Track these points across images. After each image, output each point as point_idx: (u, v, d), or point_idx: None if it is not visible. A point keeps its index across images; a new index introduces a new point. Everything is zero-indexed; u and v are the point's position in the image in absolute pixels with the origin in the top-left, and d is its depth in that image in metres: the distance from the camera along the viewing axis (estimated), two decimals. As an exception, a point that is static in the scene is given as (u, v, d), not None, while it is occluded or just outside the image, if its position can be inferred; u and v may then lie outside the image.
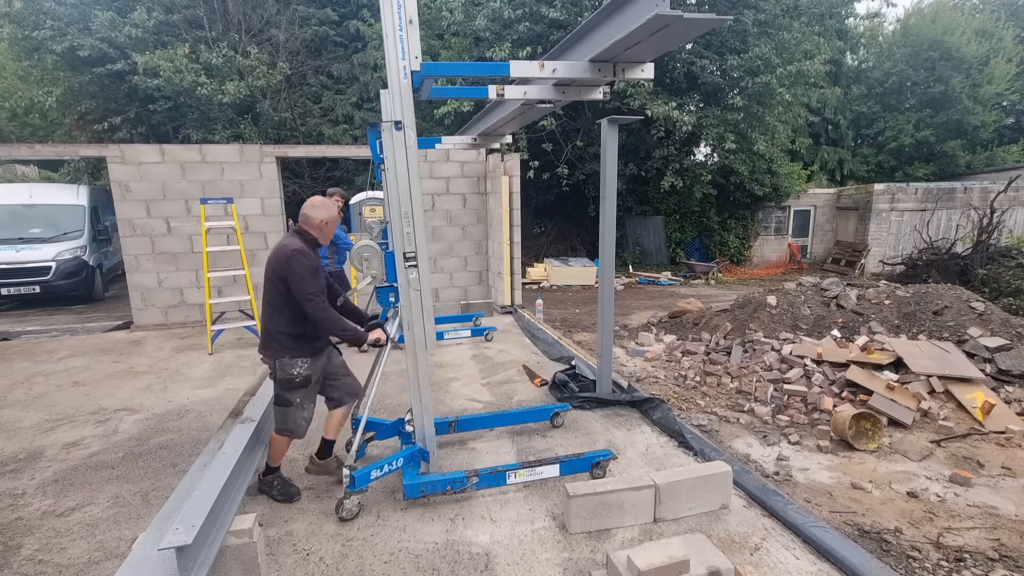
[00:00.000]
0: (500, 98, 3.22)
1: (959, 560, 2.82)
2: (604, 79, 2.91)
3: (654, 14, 2.17)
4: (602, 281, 4.43)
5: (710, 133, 13.22)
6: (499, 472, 3.16)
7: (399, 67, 2.75)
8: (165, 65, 11.68)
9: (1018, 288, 9.09)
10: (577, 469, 3.31)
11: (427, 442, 3.22)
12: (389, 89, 2.82)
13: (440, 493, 3.09)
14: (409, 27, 2.71)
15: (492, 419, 4.05)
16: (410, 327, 3.06)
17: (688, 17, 2.21)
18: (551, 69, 2.84)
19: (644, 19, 2.23)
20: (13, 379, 5.47)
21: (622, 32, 2.42)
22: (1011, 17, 21.66)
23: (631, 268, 15.13)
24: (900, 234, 15.99)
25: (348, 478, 2.95)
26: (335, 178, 15.36)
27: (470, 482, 3.10)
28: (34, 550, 2.76)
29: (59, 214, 9.80)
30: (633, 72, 2.88)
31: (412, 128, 2.83)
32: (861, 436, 4.12)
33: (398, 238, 2.94)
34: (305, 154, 9.28)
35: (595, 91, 3.22)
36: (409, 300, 3.01)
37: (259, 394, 3.99)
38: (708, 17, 2.33)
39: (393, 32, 2.69)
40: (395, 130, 2.81)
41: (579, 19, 11.46)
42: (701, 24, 2.36)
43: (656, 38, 2.42)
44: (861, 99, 20.36)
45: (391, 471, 3.17)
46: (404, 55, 2.74)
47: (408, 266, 2.96)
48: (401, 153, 2.84)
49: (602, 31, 2.71)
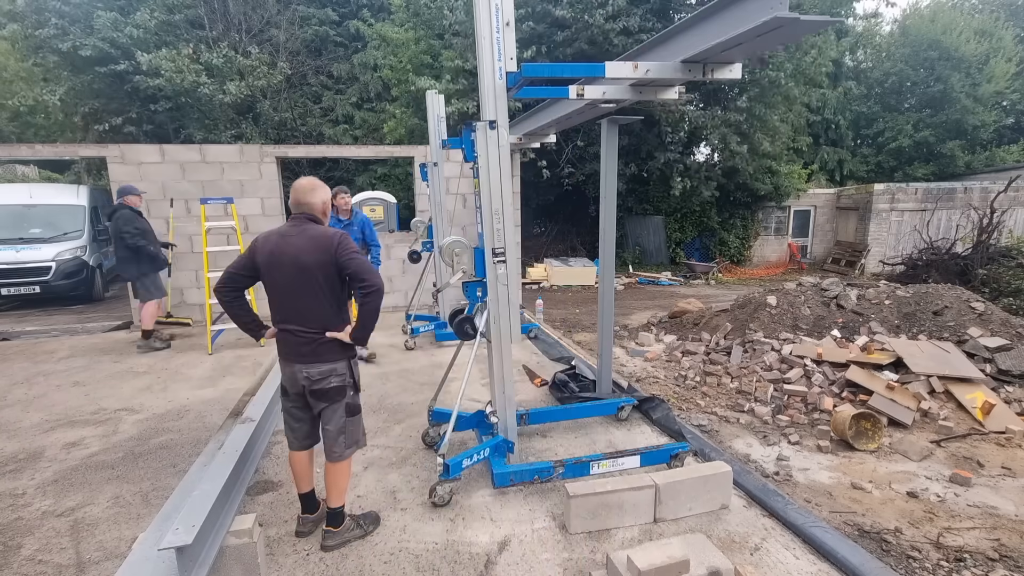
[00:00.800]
0: (580, 97, 3.27)
1: (959, 560, 2.82)
2: (692, 78, 2.95)
3: (772, 16, 2.16)
4: (602, 281, 4.43)
5: (712, 133, 13.21)
6: (583, 463, 3.27)
7: (495, 68, 2.82)
8: (167, 65, 11.69)
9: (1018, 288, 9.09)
10: (656, 461, 3.42)
11: (509, 433, 3.35)
12: (482, 89, 2.87)
13: (527, 482, 3.22)
14: (506, 29, 2.78)
15: (562, 412, 4.17)
16: (497, 321, 3.15)
17: (805, 19, 2.22)
18: (644, 70, 2.90)
19: (759, 20, 2.22)
20: (13, 379, 5.47)
21: (727, 33, 2.42)
22: (1011, 17, 21.64)
23: (631, 268, 15.13)
24: (900, 234, 15.98)
25: (441, 466, 3.05)
26: (335, 178, 15.37)
27: (556, 472, 3.21)
28: (34, 550, 2.76)
29: (59, 214, 9.79)
30: (721, 72, 2.92)
31: (506, 128, 2.92)
32: (861, 436, 4.12)
33: (488, 234, 3.04)
34: (305, 154, 9.29)
35: (670, 90, 3.25)
36: (496, 294, 3.11)
37: (259, 394, 3.99)
38: (822, 19, 2.39)
39: (490, 34, 2.76)
40: (489, 129, 2.88)
41: (585, 16, 11.41)
42: (813, 25, 2.40)
43: (762, 39, 2.42)
44: (861, 99, 20.35)
45: (479, 460, 3.30)
46: (500, 56, 2.81)
47: (497, 261, 3.07)
48: (495, 152, 2.93)
49: (698, 31, 2.73)
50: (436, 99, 5.92)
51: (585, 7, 11.46)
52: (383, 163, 14.61)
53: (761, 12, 2.23)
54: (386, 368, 5.67)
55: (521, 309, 8.09)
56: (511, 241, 3.09)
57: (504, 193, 3.00)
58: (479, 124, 2.91)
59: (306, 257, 2.49)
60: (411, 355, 6.14)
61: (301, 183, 2.66)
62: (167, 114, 13.24)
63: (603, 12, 11.29)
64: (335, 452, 2.64)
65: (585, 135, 13.26)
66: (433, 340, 6.61)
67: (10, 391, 5.12)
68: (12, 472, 3.57)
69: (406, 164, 13.39)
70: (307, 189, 2.63)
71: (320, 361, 2.56)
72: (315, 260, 2.49)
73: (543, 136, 5.44)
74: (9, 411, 4.63)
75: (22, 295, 9.07)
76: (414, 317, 6.74)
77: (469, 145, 3.07)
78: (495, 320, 3.17)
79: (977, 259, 10.48)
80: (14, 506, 3.17)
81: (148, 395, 4.96)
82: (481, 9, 2.74)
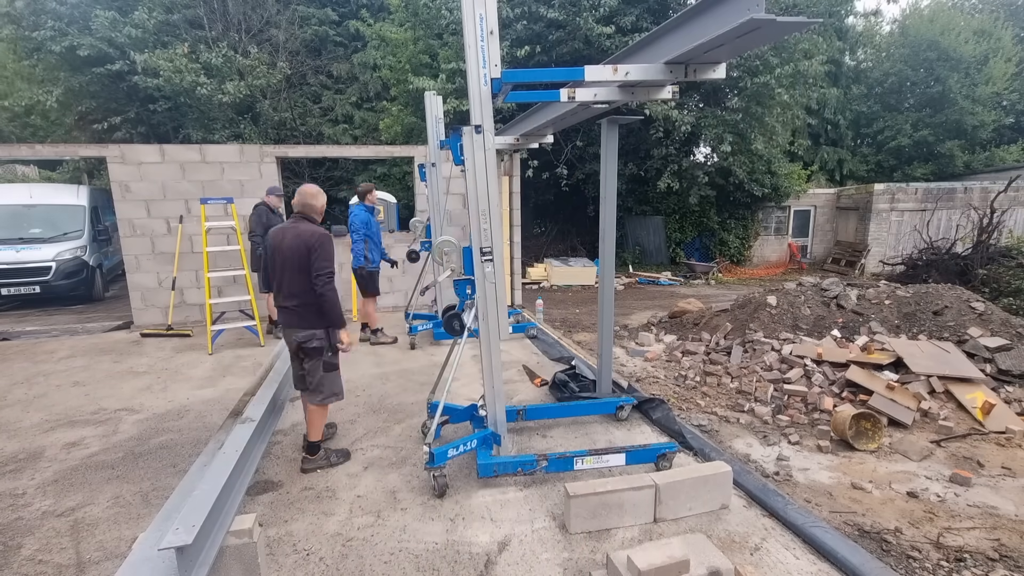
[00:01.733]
0: (571, 100, 3.34)
1: (959, 560, 2.82)
2: (675, 80, 2.98)
3: (748, 18, 2.19)
4: (602, 281, 4.43)
5: (709, 133, 13.21)
6: (567, 457, 3.28)
7: (480, 74, 2.90)
8: (165, 65, 11.68)
9: (1018, 288, 9.08)
10: (643, 460, 3.40)
11: (498, 427, 3.39)
12: (470, 95, 2.95)
13: (511, 474, 3.26)
14: (490, 37, 2.87)
15: (559, 410, 4.18)
16: (485, 318, 3.22)
17: (781, 21, 2.25)
18: (623, 72, 2.94)
19: (736, 22, 2.25)
20: (13, 379, 5.47)
21: (708, 35, 2.45)
22: (1010, 17, 21.64)
23: (631, 268, 15.13)
24: (900, 234, 15.98)
25: (428, 455, 3.12)
26: (335, 177, 15.37)
27: (539, 465, 3.23)
28: (34, 550, 2.76)
29: (59, 214, 9.79)
30: (705, 73, 2.95)
31: (491, 131, 2.99)
32: (861, 436, 4.12)
33: (476, 234, 3.11)
34: (305, 154, 9.29)
35: (663, 91, 3.28)
36: (484, 292, 3.19)
37: (259, 394, 3.98)
38: (798, 20, 2.41)
39: (475, 42, 2.85)
40: (475, 134, 2.98)
41: (576, 19, 11.44)
42: (790, 27, 2.42)
43: (742, 40, 2.45)
44: (860, 99, 20.35)
45: (466, 451, 3.36)
46: (485, 63, 2.89)
47: (484, 260, 3.14)
48: (480, 155, 3.02)
49: (681, 33, 2.76)
50: (434, 100, 5.93)
51: (576, 9, 11.48)
52: (382, 163, 14.61)
53: (738, 14, 2.27)
54: (386, 368, 5.67)
55: (520, 309, 8.09)
56: (499, 240, 3.15)
57: (491, 194, 3.07)
58: (466, 129, 3.01)
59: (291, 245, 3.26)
60: (411, 355, 6.14)
61: (307, 187, 3.41)
62: (166, 114, 13.24)
63: (594, 15, 11.32)
64: (315, 398, 3.44)
65: (585, 135, 13.26)
66: (431, 339, 6.63)
67: (10, 391, 5.12)
68: (12, 472, 3.57)
69: (405, 164, 13.39)
70: (311, 194, 3.39)
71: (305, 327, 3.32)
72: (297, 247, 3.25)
73: (540, 136, 5.45)
74: (9, 411, 4.62)
75: (22, 295, 9.08)
76: (413, 316, 6.75)
77: (457, 149, 3.16)
78: (483, 317, 3.23)
79: (977, 259, 10.47)
80: (14, 506, 3.17)
81: (148, 395, 4.96)
82: (467, 18, 2.83)
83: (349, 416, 4.40)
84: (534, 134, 5.32)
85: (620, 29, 11.56)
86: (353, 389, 5.03)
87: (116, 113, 12.94)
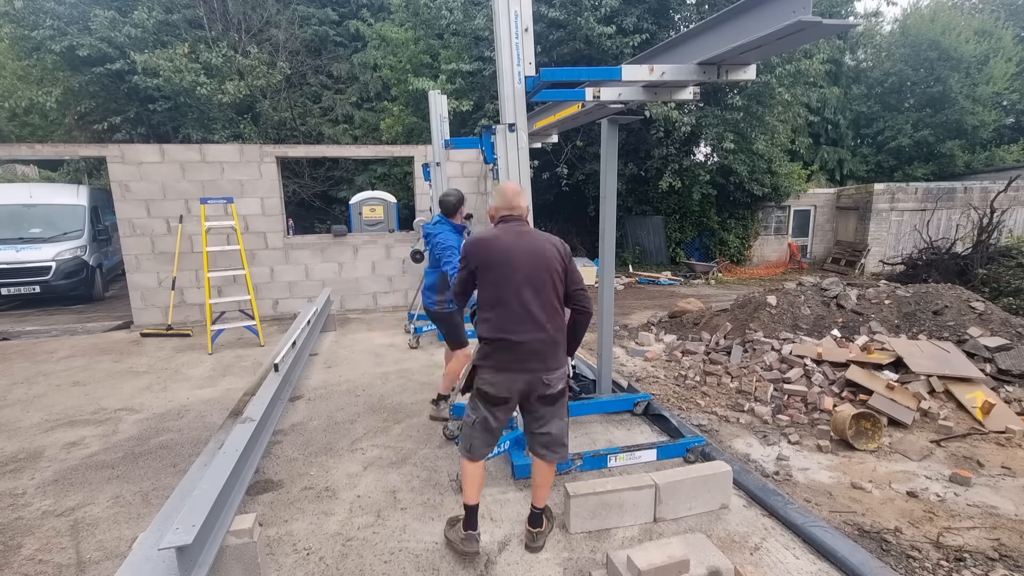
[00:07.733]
0: (596, 100, 3.31)
1: (959, 560, 2.82)
2: (708, 80, 2.97)
3: (796, 19, 2.16)
4: (602, 281, 4.43)
5: (709, 133, 13.20)
6: (601, 455, 3.33)
7: (514, 72, 2.88)
8: (165, 65, 11.67)
9: (1018, 288, 9.07)
10: (673, 454, 3.49)
11: None
12: (502, 93, 2.93)
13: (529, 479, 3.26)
14: (525, 35, 2.84)
15: (579, 407, 4.20)
16: None
17: (828, 23, 2.22)
18: (660, 72, 2.92)
19: (782, 24, 2.22)
20: (13, 379, 5.47)
21: (749, 35, 2.42)
22: (1011, 16, 21.62)
23: (631, 268, 15.12)
24: (900, 234, 15.97)
25: None
26: (335, 178, 15.37)
27: (575, 464, 3.26)
28: (34, 550, 2.76)
29: (59, 214, 9.79)
30: (736, 74, 2.95)
31: (524, 130, 2.97)
32: (861, 436, 4.12)
33: None
34: (305, 154, 9.29)
35: (684, 91, 3.28)
36: None
37: (259, 394, 3.98)
38: (843, 22, 2.40)
39: (509, 40, 2.82)
40: (509, 132, 2.95)
41: (577, 19, 11.44)
42: (834, 28, 2.41)
43: (783, 42, 2.43)
44: (861, 99, 20.33)
45: (499, 452, 3.36)
46: (519, 61, 2.87)
47: None
48: (514, 153, 2.99)
49: (715, 34, 2.75)
50: (439, 99, 5.93)
51: (577, 9, 11.47)
52: (382, 163, 14.61)
53: (784, 15, 2.23)
54: (386, 368, 5.67)
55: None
56: None
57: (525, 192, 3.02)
58: (499, 127, 2.98)
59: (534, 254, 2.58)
60: (411, 355, 6.14)
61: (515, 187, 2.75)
62: (165, 114, 13.23)
63: (595, 15, 11.31)
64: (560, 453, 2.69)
65: (585, 135, 13.25)
66: (432, 339, 6.62)
67: (10, 391, 5.12)
68: (12, 472, 3.57)
69: (405, 164, 13.39)
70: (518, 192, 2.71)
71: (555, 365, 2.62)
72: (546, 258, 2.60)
73: (545, 136, 5.46)
74: (9, 411, 4.62)
75: (22, 295, 9.08)
76: (416, 316, 6.75)
77: (489, 147, 3.12)
78: None
79: (977, 259, 10.46)
80: (14, 506, 3.17)
81: (148, 395, 4.96)
82: (501, 16, 2.80)
83: (349, 416, 4.40)
84: (539, 134, 5.32)
85: (621, 29, 11.55)
86: (353, 389, 5.03)
87: (116, 113, 12.93)
